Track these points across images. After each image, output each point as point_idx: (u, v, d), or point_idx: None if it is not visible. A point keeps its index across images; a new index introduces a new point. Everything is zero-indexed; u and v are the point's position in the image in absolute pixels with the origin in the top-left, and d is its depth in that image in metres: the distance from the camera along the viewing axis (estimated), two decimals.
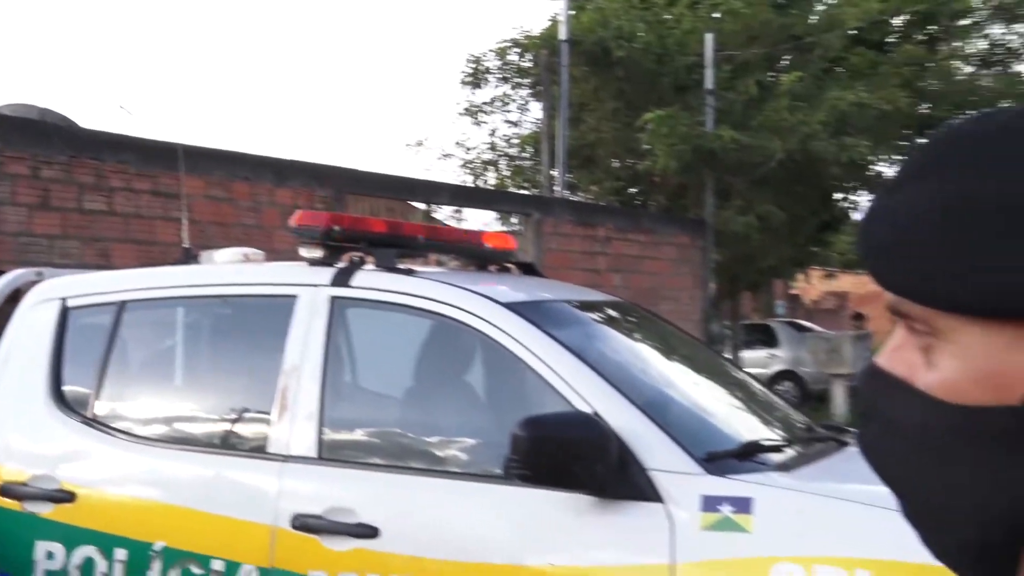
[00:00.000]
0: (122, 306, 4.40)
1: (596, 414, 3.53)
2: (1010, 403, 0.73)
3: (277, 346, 4.01)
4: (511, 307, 3.93)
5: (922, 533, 0.85)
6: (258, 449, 3.95)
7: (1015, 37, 24.85)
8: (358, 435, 4.16)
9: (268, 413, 3.93)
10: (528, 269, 5.08)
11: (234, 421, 4.11)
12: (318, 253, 4.20)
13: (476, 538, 3.63)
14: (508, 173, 22.26)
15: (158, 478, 4.05)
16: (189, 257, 4.79)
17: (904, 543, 3.14)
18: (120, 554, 3.91)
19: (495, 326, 3.84)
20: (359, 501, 3.71)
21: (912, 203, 0.77)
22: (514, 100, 21.90)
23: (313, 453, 3.85)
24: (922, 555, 2.78)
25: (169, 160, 8.08)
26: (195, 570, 3.78)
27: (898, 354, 0.82)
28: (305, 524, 3.70)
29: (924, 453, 0.79)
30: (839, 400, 15.81)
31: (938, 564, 2.59)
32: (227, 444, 4.09)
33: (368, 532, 3.64)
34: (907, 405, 0.79)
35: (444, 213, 19.50)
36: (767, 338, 22.81)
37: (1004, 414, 0.73)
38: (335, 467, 3.89)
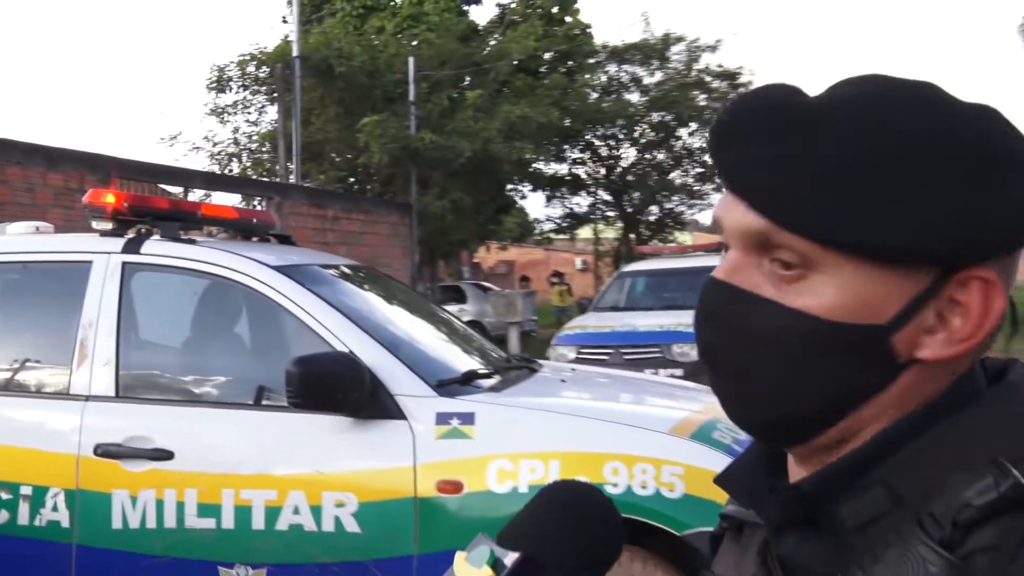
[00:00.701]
0: None
1: (351, 353, 3.53)
2: (875, 323, 0.72)
3: (76, 305, 3.80)
4: (279, 269, 3.85)
5: (743, 409, 0.80)
6: (61, 392, 3.73)
7: (624, 74, 26.68)
8: (152, 377, 3.97)
9: (69, 361, 3.73)
10: (285, 240, 4.96)
11: (38, 368, 3.90)
12: (109, 225, 4.03)
13: (257, 455, 3.56)
14: (249, 164, 21.78)
15: None
16: None
17: (579, 440, 3.38)
18: None
19: (267, 285, 3.77)
20: (156, 430, 3.58)
21: (808, 157, 0.72)
22: (254, 104, 21.47)
23: (111, 392, 3.67)
24: (589, 448, 3.21)
25: None
26: (3, 496, 3.58)
27: (741, 274, 0.77)
28: (107, 451, 3.54)
29: (786, 352, 0.75)
30: (514, 341, 16.34)
31: (601, 451, 3.07)
32: (31, 388, 3.86)
33: (164, 455, 3.52)
34: (769, 317, 0.75)
35: (197, 196, 19.04)
36: (458, 296, 22.79)
37: (868, 330, 0.73)
38: (132, 404, 3.73)
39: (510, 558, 0.77)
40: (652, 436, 3.53)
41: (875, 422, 0.76)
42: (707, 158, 28.84)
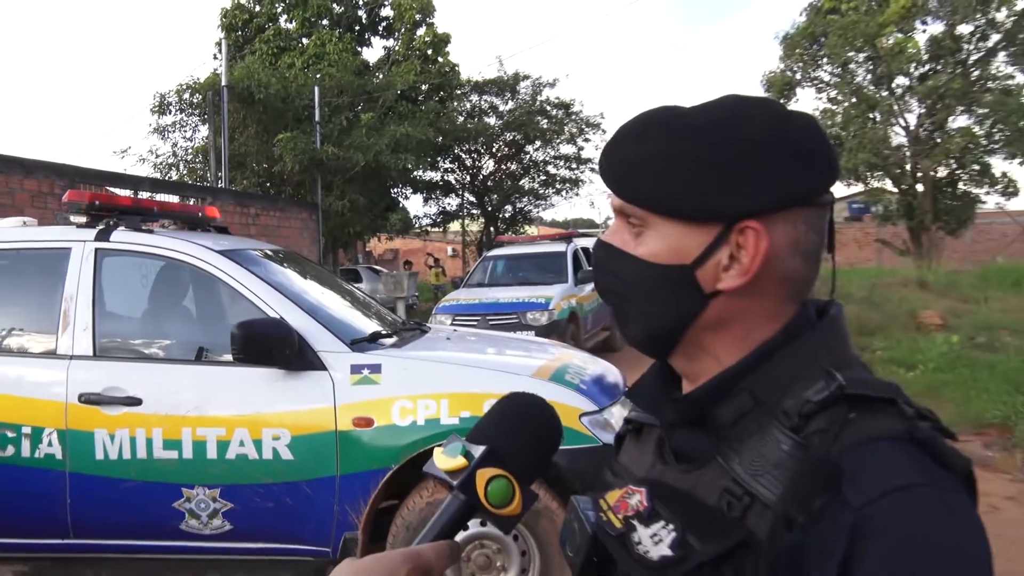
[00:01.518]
0: None
1: (282, 318, 3.53)
2: (683, 263, 0.81)
3: (59, 283, 3.73)
4: (221, 252, 3.82)
5: (628, 330, 0.88)
6: (50, 352, 3.65)
7: (484, 102, 26.81)
8: (122, 340, 3.87)
9: (55, 328, 3.67)
10: (222, 230, 4.87)
11: (31, 334, 3.79)
12: (83, 219, 3.95)
13: (209, 400, 3.51)
14: (186, 172, 21.02)
15: None
16: None
17: (464, 383, 3.47)
18: None
19: (213, 265, 3.74)
20: (127, 382, 3.54)
21: (644, 156, 0.81)
22: (189, 124, 20.61)
23: (90, 353, 3.62)
24: (471, 389, 3.26)
25: None
26: (10, 434, 3.52)
27: (616, 235, 0.85)
28: (88, 399, 3.50)
29: (636, 289, 0.84)
30: (401, 312, 16.17)
31: (480, 391, 3.17)
32: (26, 350, 3.74)
33: (135, 402, 3.49)
34: (625, 264, 0.84)
35: (145, 198, 18.30)
36: (355, 277, 22.63)
37: (679, 269, 0.81)
38: (108, 361, 3.64)
39: (478, 450, 0.82)
40: (519, 379, 3.61)
41: (724, 342, 0.84)
42: (550, 169, 29.36)
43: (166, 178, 20.06)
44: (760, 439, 0.76)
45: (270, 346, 3.38)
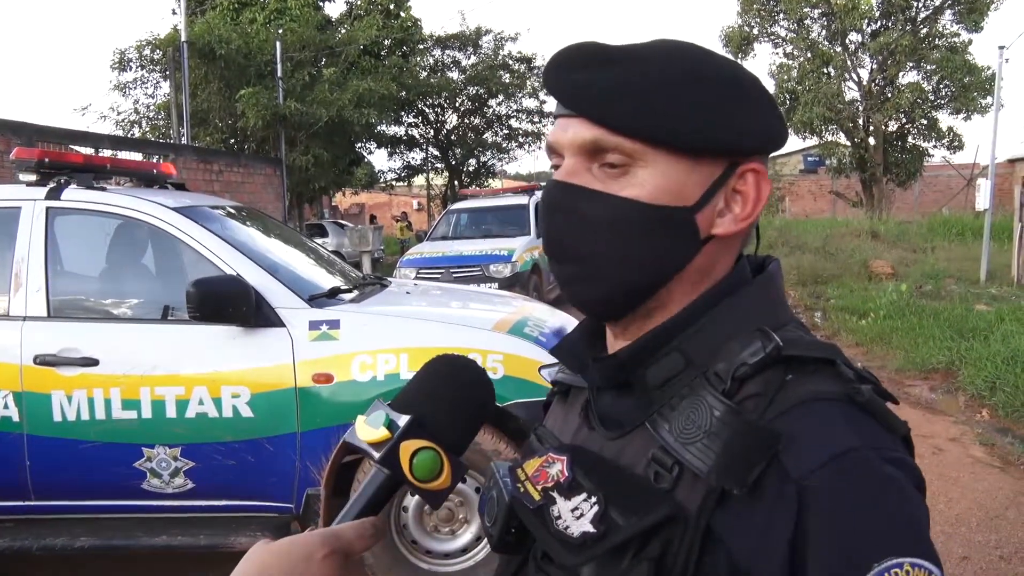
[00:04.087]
0: None
1: (239, 275, 3.41)
2: (684, 204, 0.72)
3: (9, 244, 3.56)
4: (177, 210, 3.66)
5: (584, 288, 0.76)
6: (2, 314, 3.48)
7: (447, 57, 26.48)
8: (77, 300, 3.72)
9: (7, 289, 3.51)
10: (179, 187, 4.67)
11: None
12: (33, 178, 3.76)
13: (166, 359, 3.40)
14: (148, 130, 20.40)
15: None
16: None
17: (423, 337, 3.37)
18: None
19: (168, 223, 3.59)
20: (83, 342, 3.41)
21: (630, 80, 0.71)
22: (150, 80, 20.00)
23: (44, 313, 3.48)
24: (431, 343, 3.17)
25: None
26: None
27: (577, 176, 0.74)
28: (44, 360, 3.37)
29: (619, 234, 0.72)
30: (367, 266, 16.07)
31: (440, 345, 3.03)
32: None
33: (91, 362, 3.36)
34: (603, 205, 0.72)
35: (108, 155, 17.87)
36: (321, 231, 22.31)
37: (680, 211, 0.72)
38: (62, 322, 3.50)
39: (402, 420, 0.75)
40: (478, 333, 3.55)
41: (681, 296, 0.76)
42: (512, 123, 29.11)
43: (128, 135, 19.50)
44: (691, 404, 0.69)
45: (227, 304, 3.28)
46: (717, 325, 0.74)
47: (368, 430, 0.74)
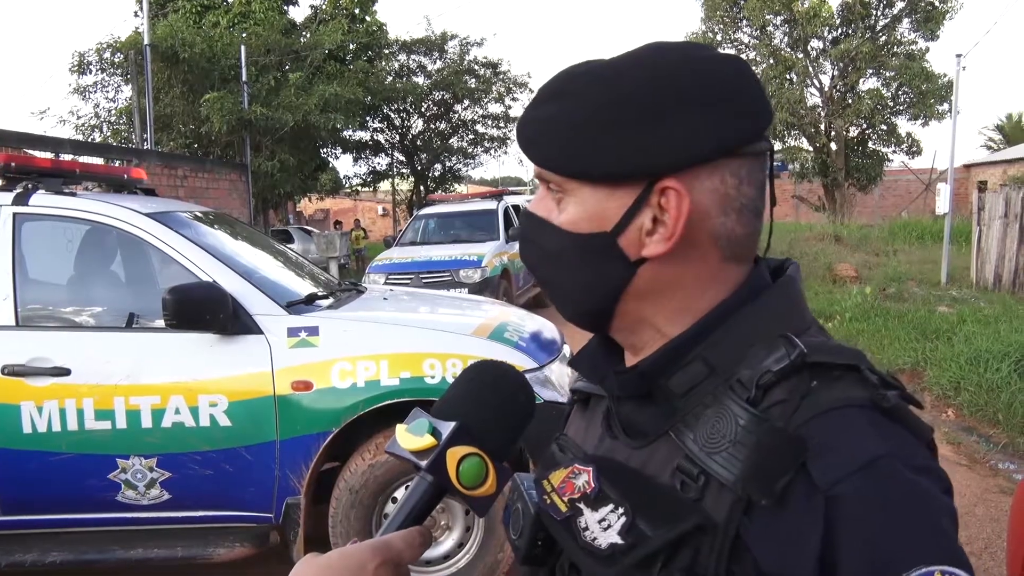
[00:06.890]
0: None
1: (215, 282, 3.37)
2: (603, 230, 0.73)
3: None
4: (150, 215, 3.59)
5: (559, 305, 0.81)
6: None
7: (412, 62, 26.36)
8: (46, 308, 3.63)
9: None
10: (149, 192, 4.62)
11: None
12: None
13: (141, 368, 3.33)
14: (109, 135, 19.99)
15: None
16: None
17: (403, 343, 3.34)
18: None
19: (141, 228, 3.51)
20: (54, 352, 3.33)
21: (556, 116, 0.73)
22: (111, 84, 19.53)
23: (12, 322, 3.38)
24: (411, 349, 3.14)
25: None
26: None
27: (540, 204, 0.78)
28: (13, 371, 3.28)
29: (560, 261, 0.76)
30: (334, 271, 16.10)
31: (420, 351, 3.08)
32: None
33: (63, 372, 3.30)
34: (548, 234, 0.76)
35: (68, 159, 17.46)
36: (287, 238, 22.12)
37: (599, 236, 0.73)
38: (32, 331, 3.42)
39: (445, 427, 0.74)
40: (459, 338, 3.55)
41: (654, 309, 0.76)
42: (478, 128, 29.11)
43: (89, 140, 19.15)
44: (715, 412, 0.69)
45: (204, 311, 3.23)
46: (739, 332, 0.73)
47: (411, 439, 0.74)
